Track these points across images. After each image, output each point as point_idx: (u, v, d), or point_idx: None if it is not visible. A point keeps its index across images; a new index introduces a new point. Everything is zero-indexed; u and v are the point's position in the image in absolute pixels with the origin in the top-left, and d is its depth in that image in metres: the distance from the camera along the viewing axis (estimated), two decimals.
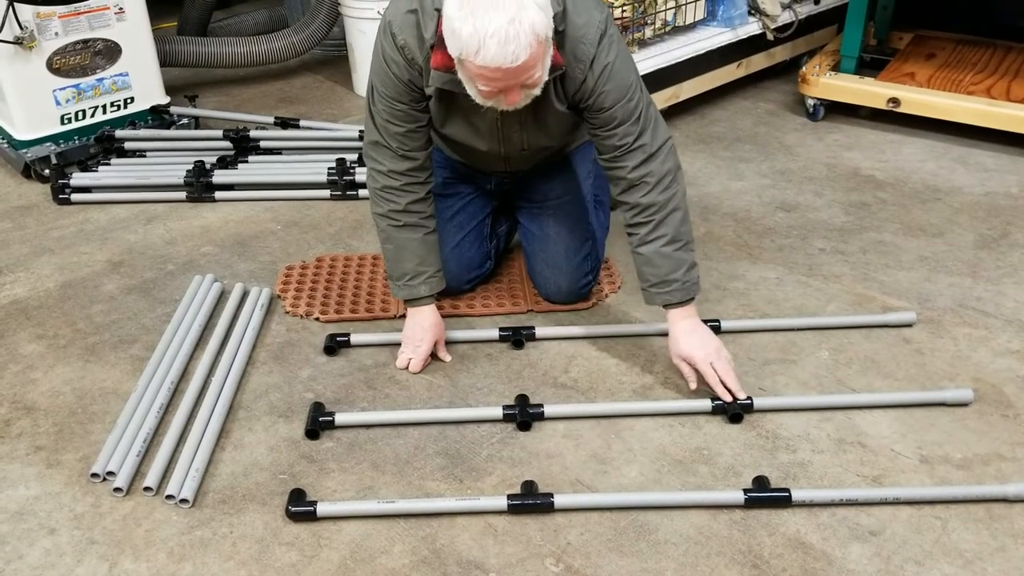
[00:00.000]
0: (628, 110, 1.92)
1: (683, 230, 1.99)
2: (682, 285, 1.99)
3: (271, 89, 4.02)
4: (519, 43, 1.63)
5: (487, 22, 1.61)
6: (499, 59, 1.64)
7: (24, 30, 2.98)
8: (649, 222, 1.97)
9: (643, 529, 1.70)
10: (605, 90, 1.90)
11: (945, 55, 3.60)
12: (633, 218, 2.00)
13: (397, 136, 2.01)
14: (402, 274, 2.13)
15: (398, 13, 1.88)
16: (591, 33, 1.85)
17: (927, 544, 1.66)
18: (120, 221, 2.87)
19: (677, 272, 1.98)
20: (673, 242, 1.98)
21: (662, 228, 1.97)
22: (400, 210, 2.08)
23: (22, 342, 2.28)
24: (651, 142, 1.95)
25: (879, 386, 2.07)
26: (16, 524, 1.74)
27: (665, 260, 1.98)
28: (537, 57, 1.69)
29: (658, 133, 1.97)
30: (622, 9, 3.10)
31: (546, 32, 1.68)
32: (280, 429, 1.97)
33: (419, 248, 2.11)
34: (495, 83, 1.71)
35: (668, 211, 1.97)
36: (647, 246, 1.99)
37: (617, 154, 1.96)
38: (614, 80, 1.89)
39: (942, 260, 2.55)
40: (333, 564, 1.64)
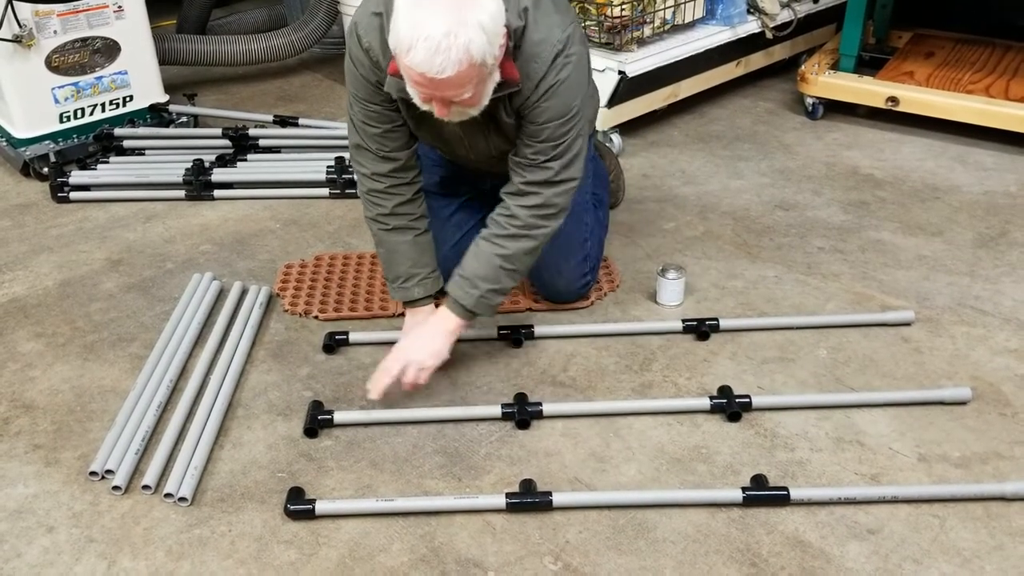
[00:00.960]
0: (557, 132, 1.88)
1: (524, 259, 1.98)
2: (478, 296, 1.96)
3: (270, 87, 4.02)
4: (448, 58, 1.60)
5: (425, 26, 1.60)
6: (424, 66, 1.62)
7: (23, 28, 2.98)
8: (504, 229, 1.95)
9: (641, 527, 1.71)
10: (544, 106, 1.85)
11: (944, 54, 3.60)
12: (498, 216, 1.98)
13: (376, 137, 1.99)
14: (396, 276, 2.13)
15: (364, 15, 1.86)
16: (544, 52, 1.81)
17: (925, 542, 1.66)
18: (119, 219, 2.87)
19: (486, 283, 1.96)
20: (506, 260, 1.96)
21: (509, 242, 1.95)
22: (388, 213, 2.06)
23: (21, 340, 2.28)
24: (559, 172, 1.91)
25: (877, 385, 2.07)
26: (14, 522, 1.74)
27: (488, 268, 1.96)
28: (466, 78, 1.66)
29: (571, 168, 1.93)
30: (621, 7, 3.10)
31: (483, 56, 1.64)
32: (279, 427, 1.97)
33: (410, 250, 2.10)
34: (423, 88, 1.70)
35: (526, 235, 1.95)
36: (484, 243, 1.97)
37: (524, 162, 1.93)
38: (556, 99, 1.84)
39: (941, 259, 2.55)
40: (332, 562, 1.64)
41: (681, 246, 2.63)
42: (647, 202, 2.89)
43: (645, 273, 2.48)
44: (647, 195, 2.93)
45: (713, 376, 2.10)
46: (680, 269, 2.34)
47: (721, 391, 2.00)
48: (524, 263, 2.00)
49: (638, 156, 3.21)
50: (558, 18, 1.84)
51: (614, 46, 3.19)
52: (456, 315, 1.99)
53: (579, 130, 1.92)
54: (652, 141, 3.34)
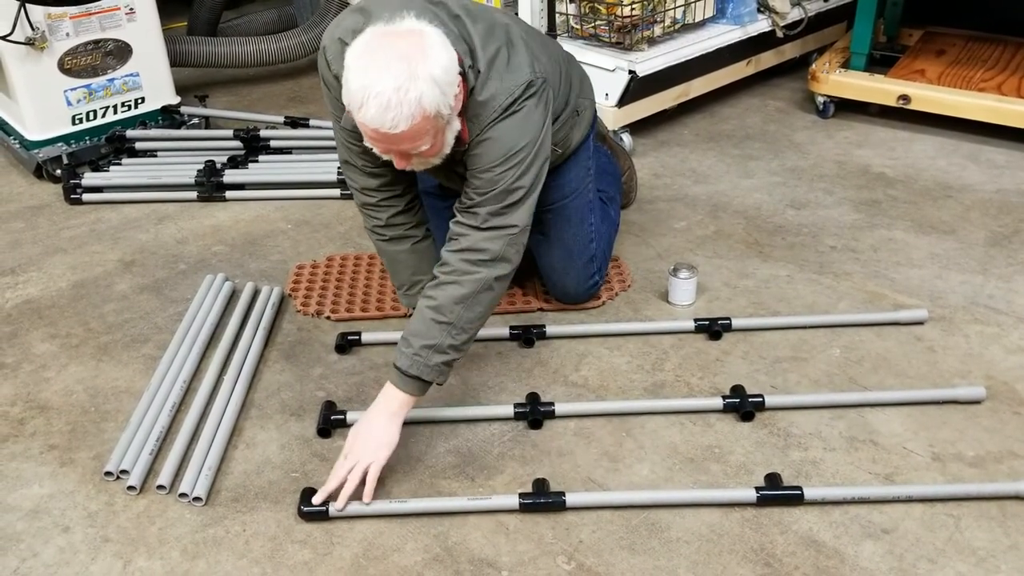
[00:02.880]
0: (484, 180, 1.80)
1: (455, 308, 1.78)
2: (413, 354, 1.77)
3: (281, 89, 4.03)
4: (400, 112, 1.57)
5: (375, 82, 1.57)
6: (377, 122, 1.59)
7: (35, 31, 2.99)
8: (435, 278, 1.83)
9: (655, 527, 1.71)
10: (474, 153, 1.80)
11: (955, 52, 3.58)
12: (435, 268, 1.86)
13: (360, 155, 1.94)
14: (400, 284, 2.14)
15: (332, 40, 1.83)
16: (485, 114, 1.76)
17: (940, 542, 1.65)
18: (132, 221, 2.88)
19: (418, 339, 1.77)
20: (436, 311, 1.78)
21: (438, 290, 1.80)
22: (383, 225, 2.05)
23: (35, 341, 2.29)
24: (487, 218, 1.80)
25: (891, 384, 2.06)
26: (31, 522, 1.75)
27: (419, 320, 1.80)
28: (421, 130, 1.63)
29: (507, 216, 1.80)
30: (631, 7, 3.10)
31: (436, 108, 1.61)
32: (292, 427, 1.98)
33: (409, 258, 2.10)
34: (377, 143, 1.69)
35: (453, 280, 1.79)
36: (420, 299, 1.84)
37: (459, 206, 1.86)
38: (484, 148, 1.79)
39: (953, 257, 2.54)
40: (346, 562, 1.65)
41: (692, 245, 2.63)
42: (658, 202, 2.89)
43: (657, 273, 2.48)
44: (658, 195, 2.93)
45: (726, 375, 2.09)
46: (692, 268, 2.34)
47: (734, 390, 2.00)
48: (459, 315, 1.78)
49: (648, 156, 3.21)
50: (511, 78, 1.77)
51: (624, 45, 3.18)
52: (399, 388, 1.79)
53: (514, 180, 1.79)
54: (662, 140, 3.34)
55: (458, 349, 1.81)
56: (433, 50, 1.62)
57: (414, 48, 1.61)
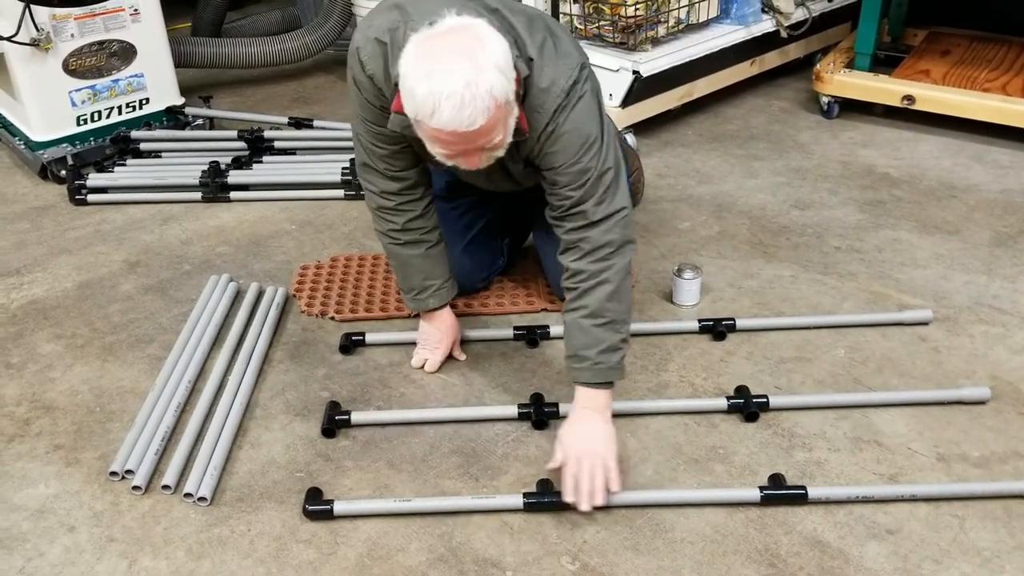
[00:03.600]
0: (573, 174, 1.79)
1: (609, 306, 1.81)
2: (592, 365, 1.81)
3: (285, 89, 4.03)
4: (475, 107, 1.55)
5: (443, 84, 1.54)
6: (454, 123, 1.56)
7: (40, 32, 3.00)
8: (575, 289, 1.84)
9: (659, 527, 1.71)
10: (553, 151, 1.78)
11: (960, 52, 3.58)
12: (565, 281, 1.88)
13: (384, 158, 1.94)
14: (410, 288, 2.12)
15: (367, 41, 1.79)
16: (548, 102, 1.74)
17: (944, 542, 1.65)
18: (136, 221, 2.89)
19: (591, 350, 1.81)
20: (593, 316, 1.81)
21: (585, 298, 1.82)
22: (399, 229, 2.04)
23: (40, 342, 2.30)
24: (595, 210, 1.80)
25: (895, 384, 2.06)
26: (36, 522, 1.75)
27: (581, 333, 1.82)
28: (496, 121, 1.61)
29: (610, 201, 1.81)
30: (635, 7, 3.10)
31: (506, 95, 1.60)
32: (297, 428, 1.98)
33: (423, 263, 2.09)
34: (451, 146, 1.64)
35: (596, 282, 1.81)
36: (569, 314, 1.86)
37: (557, 213, 1.85)
38: (565, 144, 1.77)
39: (958, 258, 2.54)
40: (350, 562, 1.65)
41: (696, 246, 2.63)
42: (662, 202, 2.89)
43: (661, 273, 2.48)
44: (662, 195, 2.93)
45: (730, 376, 2.09)
46: (696, 269, 2.33)
47: (738, 391, 2.00)
48: (615, 310, 1.82)
49: (652, 156, 3.21)
50: (564, 63, 1.76)
51: (628, 46, 3.19)
52: (592, 398, 1.83)
53: (597, 164, 1.80)
54: (666, 141, 3.34)
55: (625, 340, 1.85)
56: (488, 39, 1.60)
57: (470, 40, 1.59)
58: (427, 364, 2.14)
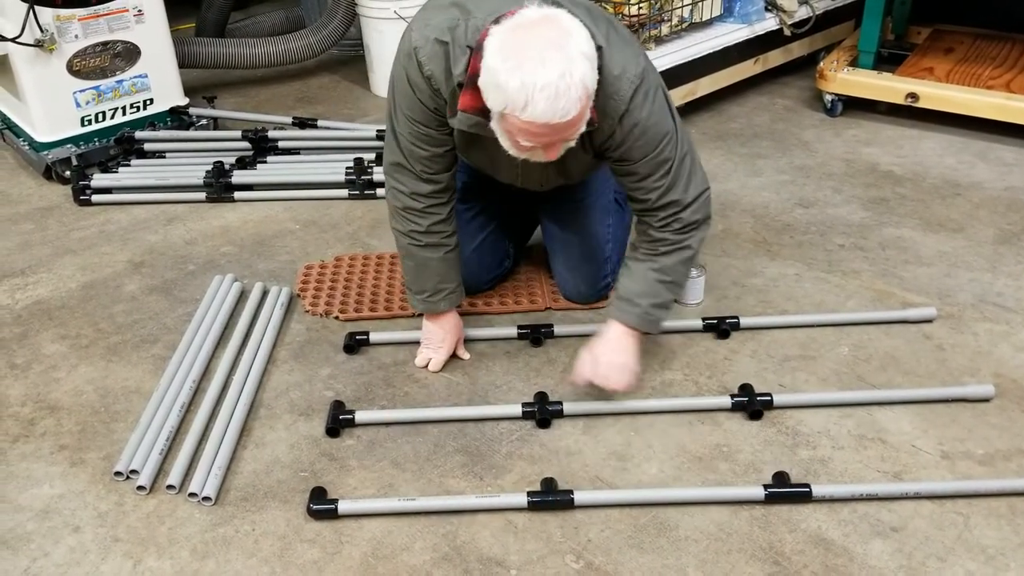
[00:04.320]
0: (655, 164, 1.83)
1: (680, 269, 1.96)
2: (643, 313, 1.94)
3: (289, 90, 4.04)
4: (569, 98, 1.55)
5: (536, 76, 1.52)
6: (548, 115, 1.55)
7: (44, 33, 3.01)
8: (653, 251, 1.94)
9: (663, 526, 1.71)
10: (633, 145, 1.81)
11: (964, 50, 3.57)
12: (642, 241, 1.96)
13: (422, 160, 1.93)
14: (422, 290, 2.11)
15: (426, 41, 1.76)
16: (624, 88, 1.73)
17: (949, 540, 1.65)
18: (141, 222, 2.89)
19: (646, 300, 1.93)
20: (662, 272, 1.93)
21: (662, 259, 1.93)
22: (422, 231, 2.03)
23: (45, 342, 2.30)
24: (683, 196, 1.87)
25: (899, 382, 2.06)
26: (41, 522, 1.76)
27: (644, 284, 1.94)
28: (584, 111, 1.62)
29: (692, 185, 1.88)
30: (639, 6, 3.10)
31: (593, 84, 1.61)
32: (301, 427, 1.98)
33: (440, 266, 2.08)
34: (539, 138, 1.63)
35: (676, 248, 1.92)
36: (638, 263, 1.96)
37: (647, 206, 1.90)
38: (645, 136, 1.80)
39: (962, 255, 2.53)
40: (355, 561, 1.65)
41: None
42: None
43: None
44: None
45: (734, 374, 2.09)
46: (700, 267, 2.33)
47: (742, 389, 2.00)
48: (682, 273, 1.98)
49: None
50: (630, 51, 1.76)
51: None
52: (627, 333, 1.96)
53: (676, 150, 1.84)
54: None
55: (674, 301, 2.03)
56: (575, 30, 1.60)
57: (556, 31, 1.58)
58: (431, 363, 2.14)
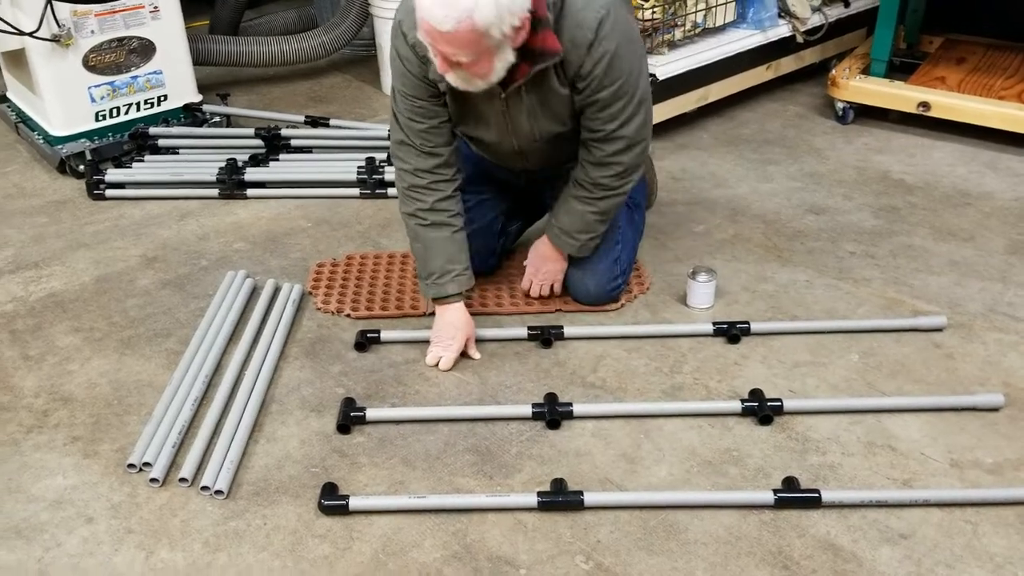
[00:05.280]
0: (619, 98, 1.97)
1: (613, 210, 2.19)
2: (579, 246, 2.23)
3: (301, 88, 4.06)
4: (449, 12, 1.67)
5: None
6: (427, 12, 1.70)
7: (61, 28, 3.03)
8: (592, 195, 2.13)
9: (673, 528, 1.71)
10: (602, 75, 1.93)
11: (976, 59, 3.58)
12: (583, 181, 2.13)
13: (420, 133, 2.05)
14: (430, 272, 2.15)
15: (407, 12, 1.90)
16: (589, 18, 1.87)
17: (958, 548, 1.66)
18: (154, 217, 2.91)
19: (584, 235, 2.21)
20: (599, 215, 2.17)
21: (600, 204, 2.15)
22: (427, 208, 2.11)
23: (59, 334, 2.32)
24: (634, 135, 2.03)
25: (909, 390, 2.06)
26: (55, 512, 1.77)
27: (581, 222, 2.18)
28: (465, 40, 1.72)
29: (644, 129, 2.05)
30: (652, 11, 3.10)
31: (487, 27, 1.70)
32: (312, 423, 1.99)
33: (447, 246, 2.14)
34: (431, 45, 1.77)
35: (613, 193, 2.13)
36: (579, 204, 2.16)
37: (599, 136, 2.03)
38: (612, 68, 1.92)
39: (973, 265, 2.54)
40: (365, 557, 1.66)
41: (711, 249, 2.64)
42: (677, 204, 2.89)
43: (675, 275, 2.49)
44: (677, 197, 2.94)
45: (744, 379, 2.10)
46: (711, 272, 2.34)
47: (752, 394, 2.01)
48: (614, 211, 2.21)
49: (668, 159, 3.21)
50: None
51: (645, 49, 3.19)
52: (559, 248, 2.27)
53: (638, 91, 1.99)
54: (681, 144, 3.35)
55: None
56: None
57: None
58: (441, 362, 2.15)
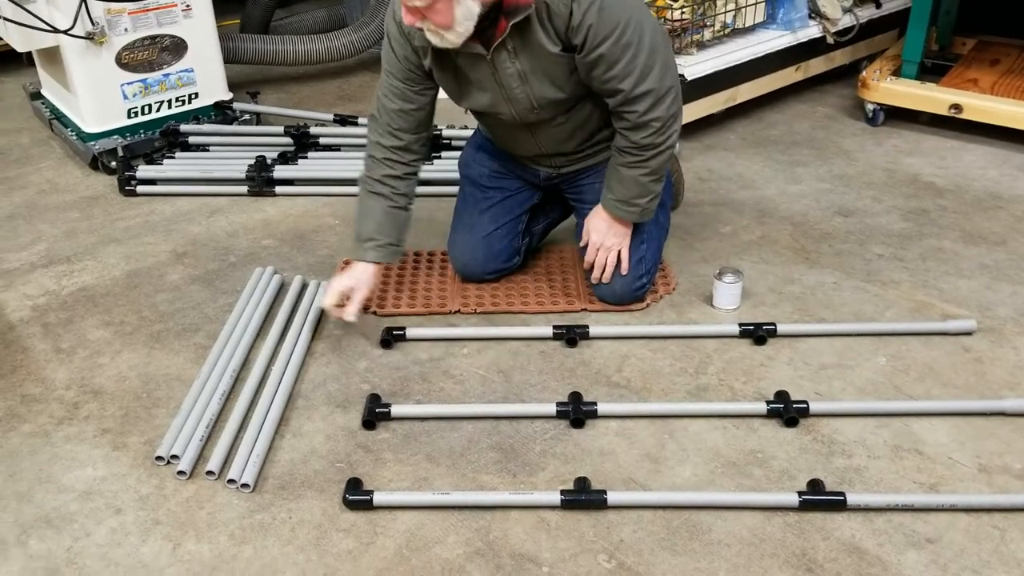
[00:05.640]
0: (620, 48, 1.94)
1: (664, 166, 2.15)
2: (641, 211, 2.19)
3: (330, 87, 4.08)
4: None
5: None
6: None
7: (95, 26, 3.07)
8: (640, 157, 2.10)
9: (696, 529, 1.71)
10: (594, 27, 1.92)
11: (1009, 61, 3.54)
12: (626, 148, 2.11)
13: (389, 111, 2.15)
14: (358, 235, 2.23)
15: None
16: None
17: (985, 553, 1.64)
18: (184, 213, 2.94)
19: (643, 199, 2.17)
20: (652, 175, 2.13)
21: (649, 163, 2.11)
22: (375, 179, 2.21)
23: (90, 328, 2.35)
24: (659, 85, 2.00)
25: (937, 394, 2.04)
26: (84, 503, 1.80)
27: (639, 187, 2.15)
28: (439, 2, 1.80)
29: (667, 76, 2.01)
30: (681, 11, 3.10)
31: None
32: (337, 419, 2.01)
33: (380, 216, 2.21)
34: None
35: (659, 150, 2.09)
36: (629, 170, 2.13)
37: (622, 99, 2.02)
38: (602, 16, 1.91)
39: (1004, 268, 2.51)
40: (389, 552, 1.67)
41: (738, 250, 2.62)
42: (703, 205, 2.88)
43: (701, 276, 2.48)
44: (703, 198, 2.93)
45: (770, 381, 2.09)
46: (737, 273, 2.33)
47: (778, 396, 2.00)
48: (665, 166, 2.17)
49: (695, 159, 3.20)
50: None
51: (674, 49, 3.18)
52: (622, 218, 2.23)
53: (643, 37, 1.96)
54: (709, 145, 3.34)
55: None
56: None
57: None
58: (346, 312, 2.18)
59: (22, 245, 2.78)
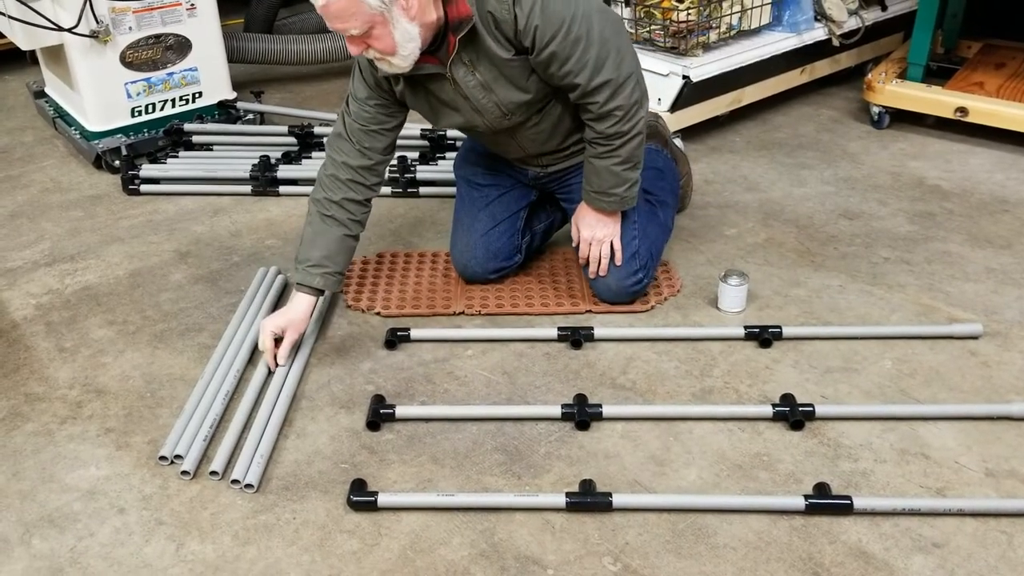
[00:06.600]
0: (570, 43, 1.93)
1: (637, 152, 2.13)
2: (620, 199, 2.19)
3: (333, 87, 4.08)
4: None
5: None
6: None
7: (100, 24, 3.06)
8: (609, 146, 2.10)
9: (701, 532, 1.70)
10: (537, 24, 1.91)
11: (1015, 65, 3.53)
12: (594, 139, 2.11)
13: (357, 132, 2.14)
14: (306, 259, 2.17)
15: None
16: None
17: (992, 558, 1.63)
18: (187, 213, 2.93)
19: (620, 188, 2.16)
20: (625, 163, 2.13)
21: (620, 152, 2.10)
22: (333, 201, 2.16)
23: (93, 327, 2.34)
24: (615, 75, 1.99)
25: (944, 398, 2.04)
26: (87, 503, 1.79)
27: (613, 176, 2.14)
28: (347, 12, 1.79)
29: (624, 64, 2.00)
30: (687, 12, 3.09)
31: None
32: (342, 420, 2.00)
33: (332, 244, 2.16)
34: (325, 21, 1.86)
35: (628, 138, 2.08)
36: (601, 160, 2.13)
37: (580, 92, 2.01)
38: (546, 15, 1.90)
39: (1010, 272, 2.50)
40: (393, 553, 1.67)
41: (743, 252, 2.62)
42: (709, 208, 2.88)
43: (706, 279, 2.47)
44: (709, 200, 2.92)
45: (775, 384, 2.08)
46: (743, 275, 2.32)
47: (784, 399, 1.99)
48: (640, 152, 2.15)
49: (700, 162, 3.20)
50: None
51: (679, 51, 3.18)
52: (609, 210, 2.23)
53: (591, 29, 1.94)
54: (714, 147, 3.33)
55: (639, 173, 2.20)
56: None
57: None
58: (278, 355, 2.12)
59: (25, 244, 2.78)
